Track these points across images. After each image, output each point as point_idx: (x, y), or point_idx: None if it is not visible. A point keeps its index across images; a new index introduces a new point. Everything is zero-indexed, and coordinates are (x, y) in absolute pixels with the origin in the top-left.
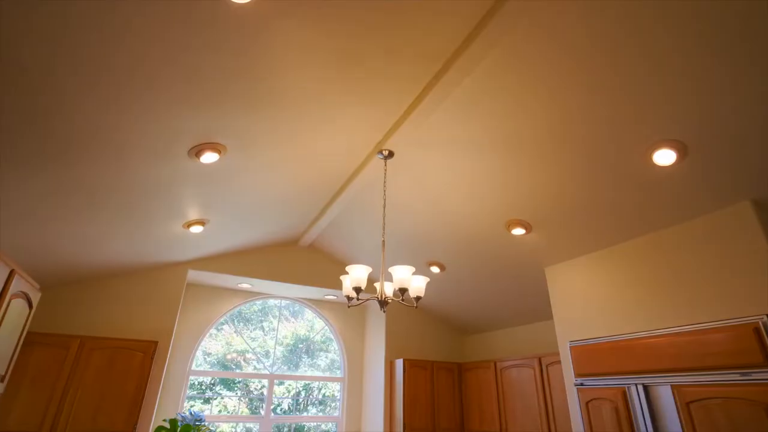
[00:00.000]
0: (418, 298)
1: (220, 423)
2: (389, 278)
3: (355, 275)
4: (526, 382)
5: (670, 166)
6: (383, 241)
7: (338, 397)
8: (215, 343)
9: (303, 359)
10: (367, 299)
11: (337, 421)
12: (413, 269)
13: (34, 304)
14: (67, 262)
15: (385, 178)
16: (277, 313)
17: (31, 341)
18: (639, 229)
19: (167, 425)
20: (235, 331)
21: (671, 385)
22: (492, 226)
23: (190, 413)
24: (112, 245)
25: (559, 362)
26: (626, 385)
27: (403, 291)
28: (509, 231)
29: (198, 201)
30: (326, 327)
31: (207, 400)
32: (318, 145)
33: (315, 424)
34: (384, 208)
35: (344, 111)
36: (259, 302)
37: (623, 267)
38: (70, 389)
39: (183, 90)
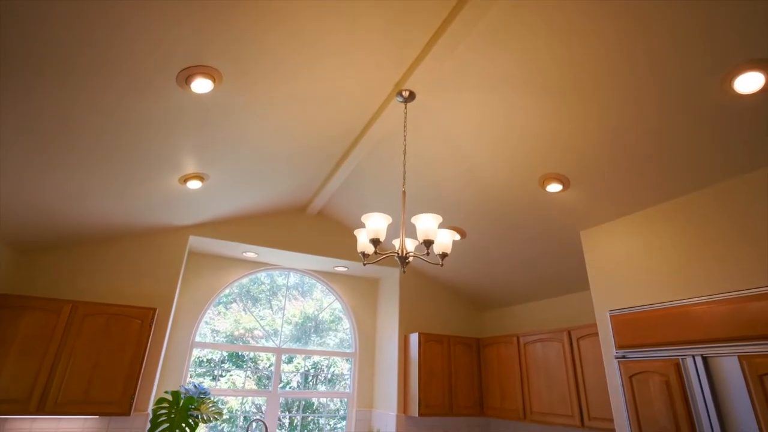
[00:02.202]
0: (444, 255)
1: (227, 398)
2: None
3: (373, 225)
4: (553, 358)
5: (755, 94)
6: (404, 191)
7: (347, 376)
8: (224, 321)
9: (312, 338)
10: (386, 255)
11: (348, 398)
12: (440, 219)
13: None
14: (53, 221)
15: (405, 122)
16: (285, 291)
17: (20, 305)
18: (698, 180)
19: (169, 397)
20: (243, 309)
21: (738, 356)
22: (524, 182)
23: (194, 386)
24: (100, 200)
25: (591, 335)
26: (680, 357)
27: (428, 244)
28: (543, 187)
29: (193, 148)
30: (335, 303)
31: (215, 378)
32: (326, 82)
33: (325, 400)
34: (404, 155)
35: (358, 37)
36: (267, 280)
37: (674, 227)
38: (61, 357)
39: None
